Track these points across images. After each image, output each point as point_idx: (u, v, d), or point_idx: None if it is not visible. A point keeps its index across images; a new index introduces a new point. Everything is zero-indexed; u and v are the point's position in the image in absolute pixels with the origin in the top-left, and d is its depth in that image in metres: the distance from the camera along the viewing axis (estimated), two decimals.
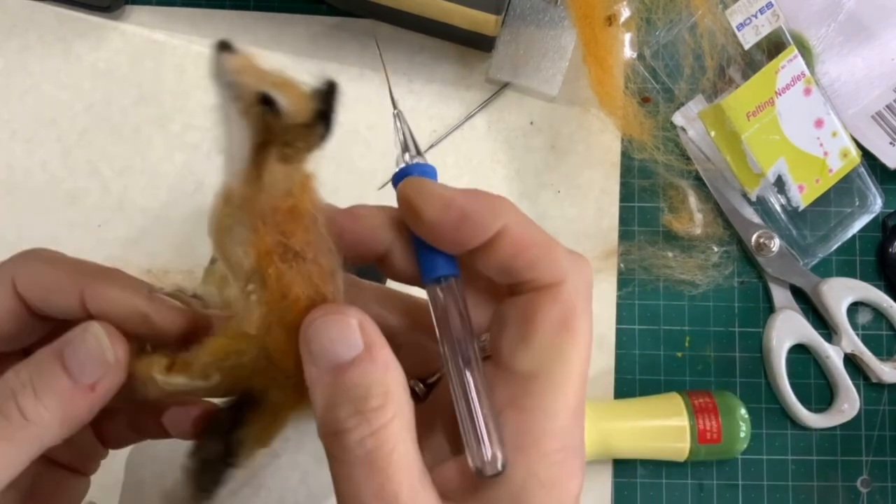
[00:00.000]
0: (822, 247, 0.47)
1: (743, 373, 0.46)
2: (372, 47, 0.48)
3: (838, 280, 0.46)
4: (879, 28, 0.48)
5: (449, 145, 0.47)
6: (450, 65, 0.48)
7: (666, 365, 0.46)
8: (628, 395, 0.46)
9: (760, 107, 0.44)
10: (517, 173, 0.47)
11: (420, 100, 0.48)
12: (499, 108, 0.48)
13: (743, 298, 0.47)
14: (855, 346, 0.46)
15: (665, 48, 0.47)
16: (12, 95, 0.46)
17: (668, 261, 0.46)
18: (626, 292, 0.47)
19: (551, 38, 0.47)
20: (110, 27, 0.47)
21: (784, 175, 0.45)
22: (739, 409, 0.43)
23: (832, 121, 0.45)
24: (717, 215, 0.47)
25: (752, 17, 0.43)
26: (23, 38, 0.47)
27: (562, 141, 0.48)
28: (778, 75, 0.44)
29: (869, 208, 0.47)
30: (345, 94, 0.44)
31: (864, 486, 0.46)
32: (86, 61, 0.47)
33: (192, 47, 0.47)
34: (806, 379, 0.47)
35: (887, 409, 0.46)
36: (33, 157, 0.46)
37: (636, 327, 0.46)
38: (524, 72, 0.47)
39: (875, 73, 0.48)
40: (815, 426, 0.45)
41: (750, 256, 0.47)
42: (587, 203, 0.47)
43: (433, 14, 0.43)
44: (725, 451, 0.43)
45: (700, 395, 0.43)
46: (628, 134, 0.45)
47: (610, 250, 0.46)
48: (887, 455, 0.46)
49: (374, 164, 0.47)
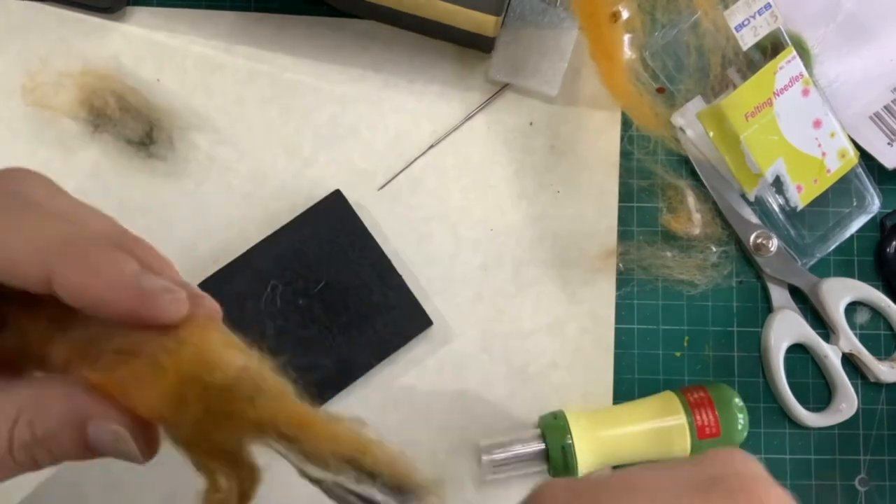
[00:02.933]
0: (821, 247, 0.47)
1: (741, 372, 0.47)
2: (372, 48, 0.48)
3: (836, 280, 0.47)
4: (878, 29, 0.48)
5: (448, 146, 0.47)
6: (450, 65, 0.48)
7: (665, 365, 0.46)
8: (627, 395, 0.46)
9: (759, 107, 0.44)
10: (516, 174, 0.47)
11: (420, 100, 0.48)
12: (498, 109, 0.48)
13: (741, 298, 0.47)
14: (853, 346, 0.46)
15: (664, 49, 0.47)
16: (13, 95, 0.46)
17: (666, 261, 0.46)
18: (625, 292, 0.47)
19: (551, 38, 0.47)
20: (111, 28, 0.48)
21: (782, 175, 0.45)
22: (734, 399, 0.43)
23: (830, 121, 0.45)
24: (716, 215, 0.47)
25: (751, 17, 0.43)
26: (24, 39, 0.47)
27: (561, 141, 0.48)
28: (776, 76, 0.44)
29: (867, 208, 0.47)
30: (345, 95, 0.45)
31: (861, 485, 0.46)
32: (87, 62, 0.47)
33: (193, 48, 0.48)
34: (804, 378, 0.47)
35: (885, 408, 0.47)
36: (34, 157, 0.46)
37: (635, 327, 0.47)
38: (524, 72, 0.47)
39: (873, 74, 0.48)
40: (813, 425, 0.46)
41: (748, 256, 0.47)
42: (586, 203, 0.47)
43: (433, 15, 0.43)
44: (726, 443, 0.43)
45: (694, 391, 0.44)
46: (644, 127, 0.45)
47: (609, 250, 0.47)
48: (885, 454, 0.46)
49: (374, 164, 0.47)
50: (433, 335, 0.46)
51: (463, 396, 0.45)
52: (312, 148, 0.47)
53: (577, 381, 0.46)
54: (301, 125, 0.47)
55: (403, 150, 0.47)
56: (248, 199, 0.47)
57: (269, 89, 0.48)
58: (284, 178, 0.47)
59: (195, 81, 0.47)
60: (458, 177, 0.47)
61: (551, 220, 0.47)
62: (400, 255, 0.46)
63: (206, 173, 0.47)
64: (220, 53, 0.48)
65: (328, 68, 0.48)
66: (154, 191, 0.46)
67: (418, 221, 0.47)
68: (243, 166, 0.47)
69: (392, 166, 0.47)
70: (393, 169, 0.47)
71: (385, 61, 0.48)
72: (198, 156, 0.47)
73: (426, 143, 0.47)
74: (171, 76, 0.47)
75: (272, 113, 0.47)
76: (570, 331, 0.46)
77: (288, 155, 0.47)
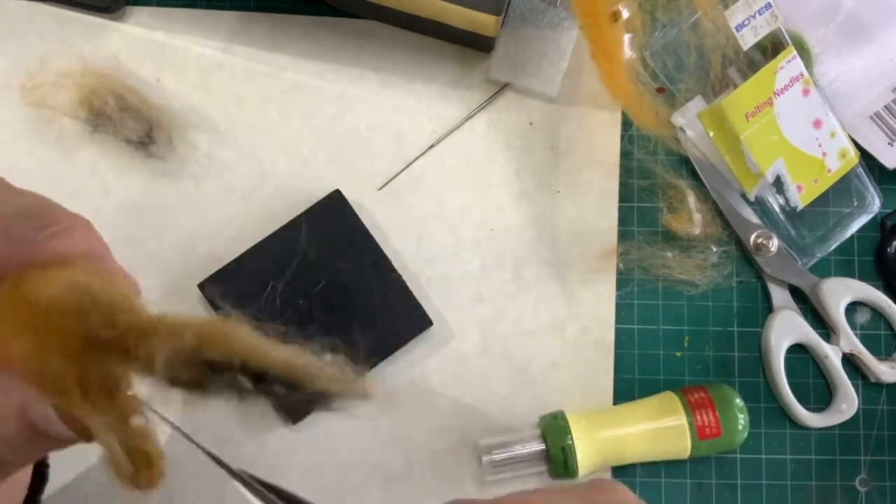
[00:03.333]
0: (821, 247, 0.47)
1: (742, 372, 0.47)
2: (372, 47, 0.48)
3: (837, 280, 0.47)
4: (878, 29, 0.48)
5: (448, 146, 0.47)
6: (450, 65, 0.48)
7: (665, 365, 0.46)
8: (627, 395, 0.46)
9: (759, 107, 0.44)
10: (517, 174, 0.47)
11: (420, 100, 0.48)
12: (498, 109, 0.48)
13: (742, 298, 0.47)
14: (853, 346, 0.46)
15: (664, 49, 0.47)
16: (13, 95, 0.46)
17: (667, 261, 0.46)
18: (625, 292, 0.47)
19: (551, 38, 0.47)
20: (111, 28, 0.47)
21: (783, 175, 0.45)
22: (735, 399, 0.43)
23: (831, 121, 0.45)
24: (716, 215, 0.47)
25: (751, 17, 0.43)
26: (23, 39, 0.47)
27: (561, 141, 0.48)
28: (777, 76, 0.44)
29: (867, 208, 0.47)
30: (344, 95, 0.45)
31: (862, 486, 0.46)
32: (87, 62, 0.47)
33: (193, 48, 0.48)
34: (804, 378, 0.47)
35: (885, 408, 0.46)
36: (33, 156, 0.46)
37: (635, 327, 0.47)
38: (524, 72, 0.47)
39: (873, 74, 0.48)
40: (813, 426, 0.46)
41: (749, 256, 0.47)
42: (587, 203, 0.47)
43: (433, 15, 0.43)
44: (726, 443, 0.43)
45: (695, 391, 0.44)
46: (644, 126, 0.45)
47: (609, 250, 0.47)
48: (885, 454, 0.46)
49: (374, 164, 0.47)
50: (433, 335, 0.45)
51: (463, 396, 0.45)
52: (312, 148, 0.47)
53: (578, 382, 0.46)
54: (301, 125, 0.47)
55: (403, 150, 0.47)
56: (247, 199, 0.47)
57: (269, 89, 0.48)
58: (284, 178, 0.47)
59: (195, 81, 0.47)
60: (458, 177, 0.47)
61: (551, 220, 0.47)
62: (400, 255, 0.46)
63: (205, 173, 0.47)
64: (220, 53, 0.48)
65: (328, 68, 0.48)
66: (154, 191, 0.46)
67: (418, 221, 0.47)
68: (243, 166, 0.47)
69: (392, 166, 0.47)
70: (393, 169, 0.47)
71: (385, 61, 0.48)
72: (197, 156, 0.47)
73: (426, 143, 0.47)
74: (170, 76, 0.47)
75: (272, 113, 0.47)
76: (570, 331, 0.46)
77: (288, 155, 0.47)
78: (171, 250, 0.45)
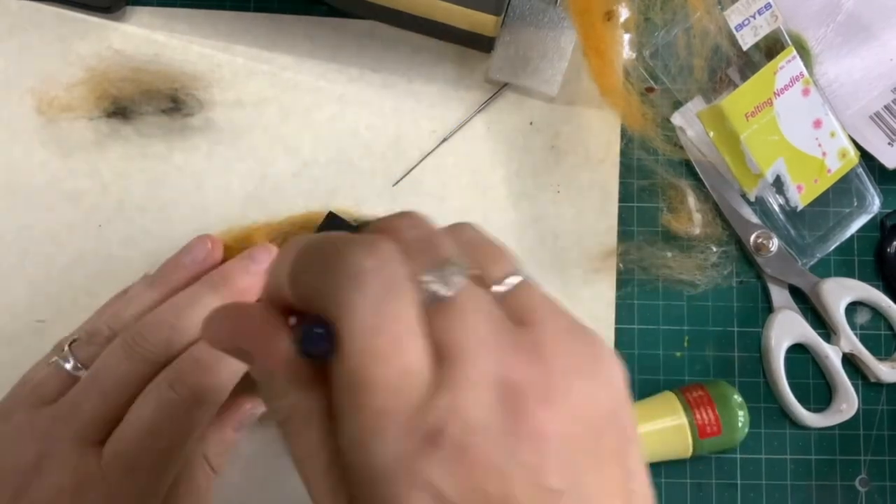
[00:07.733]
0: (821, 247, 0.47)
1: (742, 372, 0.47)
2: (371, 47, 0.48)
3: (837, 280, 0.47)
4: (878, 29, 0.48)
5: (448, 146, 0.47)
6: (450, 65, 0.48)
7: (665, 365, 0.46)
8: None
9: (759, 107, 0.44)
10: (517, 174, 0.47)
11: (420, 100, 0.48)
12: (498, 109, 0.48)
13: (741, 298, 0.47)
14: (853, 346, 0.46)
15: (664, 49, 0.47)
16: (12, 95, 0.46)
17: (666, 261, 0.46)
18: (625, 292, 0.47)
19: (551, 38, 0.47)
20: (111, 28, 0.47)
21: (783, 175, 0.45)
22: (733, 395, 0.43)
23: (830, 121, 0.45)
24: (716, 215, 0.47)
25: (751, 17, 0.43)
26: (23, 39, 0.47)
27: (561, 141, 0.48)
28: (776, 76, 0.44)
29: (867, 208, 0.47)
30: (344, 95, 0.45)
31: (862, 486, 0.46)
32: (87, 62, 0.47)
33: (193, 48, 0.48)
34: (804, 378, 0.47)
35: (885, 408, 0.46)
36: (33, 157, 0.46)
37: (635, 327, 0.47)
38: (524, 72, 0.47)
39: (873, 74, 0.48)
40: (813, 426, 0.46)
41: (748, 256, 0.47)
42: (587, 203, 0.47)
43: (432, 14, 0.43)
44: (727, 441, 0.43)
45: (694, 390, 0.44)
46: (630, 126, 0.45)
47: (609, 250, 0.47)
48: (885, 454, 0.46)
49: (374, 164, 0.47)
50: None
51: None
52: (312, 148, 0.47)
53: None
54: (301, 125, 0.47)
55: (403, 150, 0.47)
56: (248, 199, 0.47)
57: (269, 89, 0.48)
58: (284, 178, 0.47)
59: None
60: (458, 177, 0.47)
61: (551, 220, 0.47)
62: None
63: (205, 173, 0.47)
64: (220, 53, 0.48)
65: (328, 68, 0.48)
66: (153, 191, 0.46)
67: None
68: (243, 166, 0.47)
69: (392, 166, 0.47)
70: (393, 169, 0.47)
71: (385, 61, 0.48)
72: (197, 156, 0.47)
73: (426, 143, 0.47)
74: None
75: (272, 113, 0.47)
76: None
77: (288, 155, 0.47)
78: (170, 250, 0.45)
